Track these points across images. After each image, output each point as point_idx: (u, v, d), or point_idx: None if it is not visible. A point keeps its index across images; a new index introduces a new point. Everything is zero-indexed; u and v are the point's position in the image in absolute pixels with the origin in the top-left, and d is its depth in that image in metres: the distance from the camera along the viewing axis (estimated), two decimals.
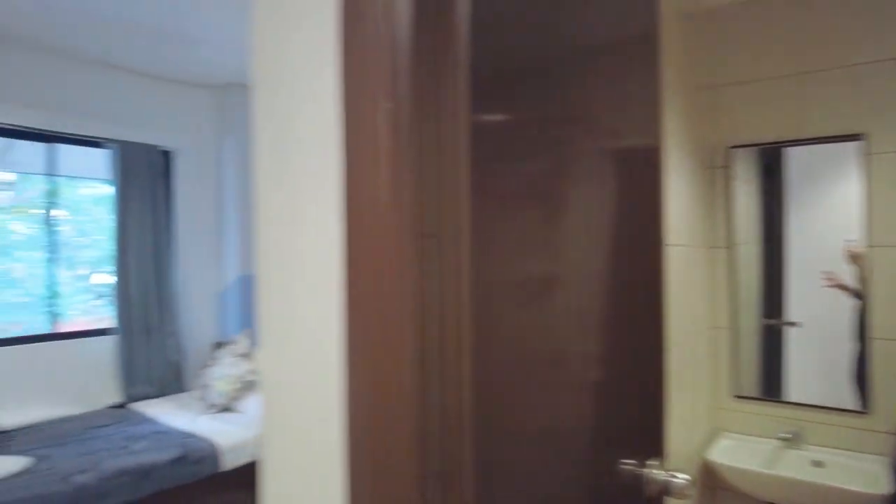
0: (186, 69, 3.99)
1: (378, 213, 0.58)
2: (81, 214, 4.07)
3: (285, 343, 0.65)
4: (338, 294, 0.60)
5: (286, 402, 0.65)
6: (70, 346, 3.71)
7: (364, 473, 0.59)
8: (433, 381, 0.61)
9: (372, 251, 0.59)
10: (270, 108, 0.66)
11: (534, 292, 0.94)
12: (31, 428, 3.32)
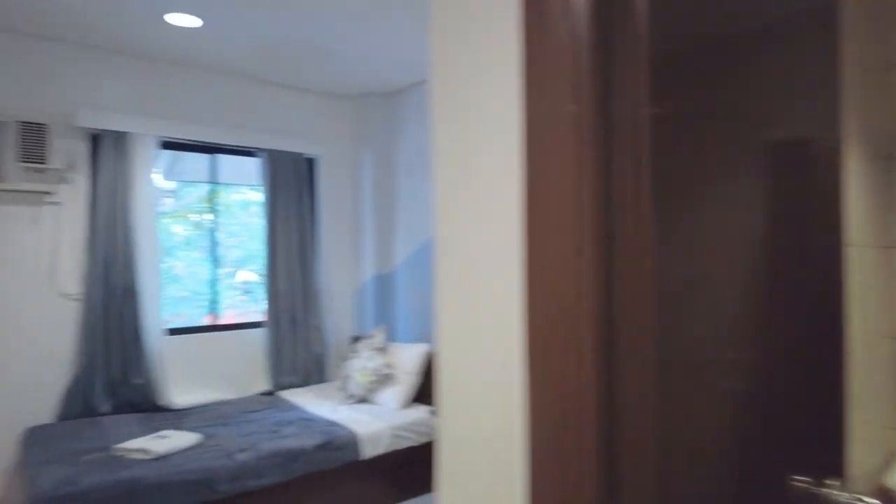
0: (326, 81, 4.27)
1: (561, 215, 0.58)
2: (231, 218, 4.49)
3: (465, 339, 0.68)
4: (518, 293, 0.61)
5: (466, 395, 0.68)
6: (228, 337, 4.12)
7: (545, 470, 0.60)
8: (614, 379, 0.60)
9: (554, 251, 0.59)
10: (450, 110, 0.69)
11: (700, 294, 0.90)
12: (197, 408, 3.73)
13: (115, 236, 3.49)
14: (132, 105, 3.65)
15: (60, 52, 3.42)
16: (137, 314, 3.57)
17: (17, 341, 3.29)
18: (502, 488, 0.66)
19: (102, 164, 3.49)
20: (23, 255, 3.31)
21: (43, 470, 2.66)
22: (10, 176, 3.16)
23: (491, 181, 0.64)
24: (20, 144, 3.19)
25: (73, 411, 3.41)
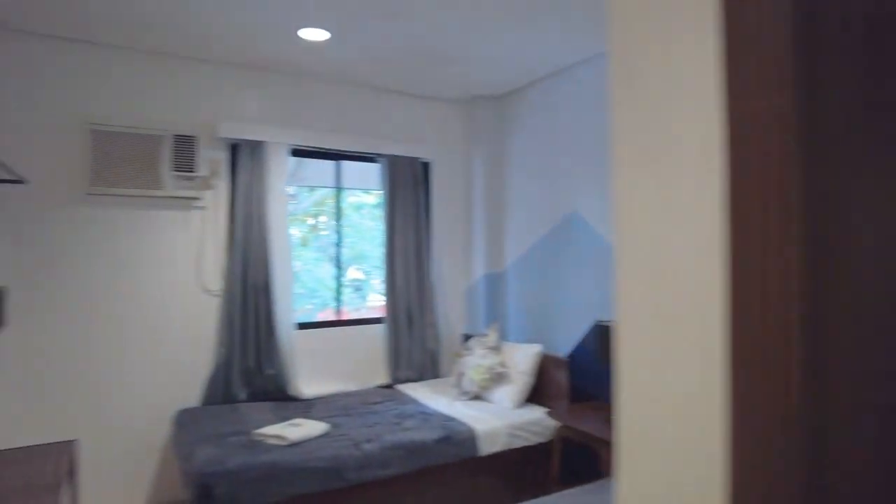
0: (441, 86, 4.37)
1: (767, 218, 0.57)
2: (345, 220, 4.72)
3: (655, 349, 0.67)
4: (720, 294, 0.60)
5: (654, 413, 0.68)
6: (350, 332, 4.34)
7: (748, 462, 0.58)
8: (821, 392, 0.57)
9: (758, 255, 0.58)
10: (637, 106, 0.69)
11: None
12: (323, 398, 3.96)
13: (252, 237, 3.79)
14: (266, 116, 3.95)
15: (206, 71, 3.76)
16: (271, 309, 3.85)
17: (170, 332, 3.67)
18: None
19: (240, 171, 3.80)
20: (174, 255, 3.68)
21: (196, 448, 2.95)
22: (166, 184, 3.53)
23: (686, 179, 0.63)
24: (173, 155, 3.55)
25: (214, 397, 3.74)
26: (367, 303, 4.70)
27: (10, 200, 3.22)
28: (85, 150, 3.39)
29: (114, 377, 3.52)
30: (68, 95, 3.39)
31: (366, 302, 4.58)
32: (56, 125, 3.36)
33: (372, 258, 4.67)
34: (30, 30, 3.27)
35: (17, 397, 3.27)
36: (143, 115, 3.57)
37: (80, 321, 3.43)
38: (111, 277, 3.51)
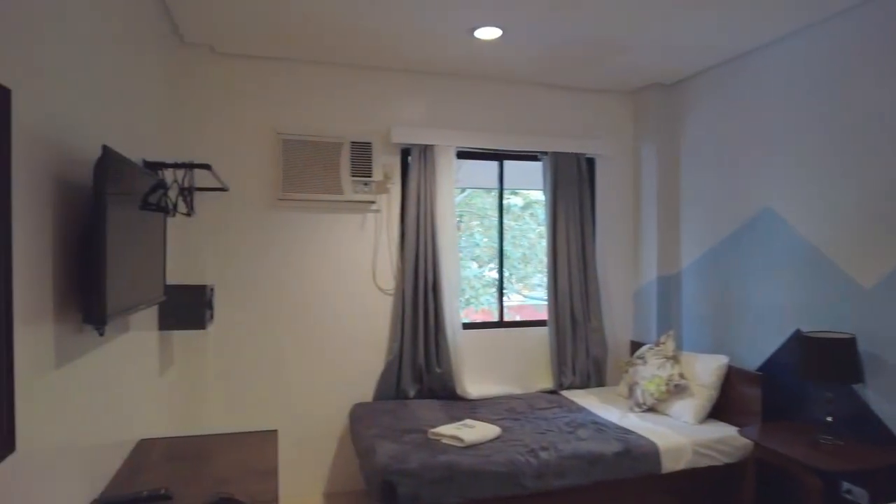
0: (607, 78, 4.16)
1: None
2: (487, 220, 4.68)
3: None
4: None
5: None
6: (513, 334, 4.28)
7: None
8: None
9: None
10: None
11: None
12: (489, 400, 3.94)
13: (423, 238, 3.88)
14: (436, 120, 4.02)
15: (381, 79, 3.91)
16: (439, 308, 3.90)
17: (348, 330, 3.86)
18: None
19: (411, 174, 3.90)
20: (352, 256, 3.87)
21: (376, 444, 3.05)
22: (346, 189, 3.72)
23: None
24: (351, 161, 3.73)
25: (386, 393, 3.87)
26: (509, 303, 4.63)
27: (215, 206, 3.58)
28: (276, 158, 3.67)
29: (299, 372, 3.78)
30: (262, 109, 3.70)
31: (507, 302, 4.52)
32: (252, 136, 3.68)
33: (513, 258, 4.59)
34: (232, 52, 3.60)
35: (220, 386, 3.63)
36: (325, 124, 3.79)
37: (270, 318, 3.73)
38: (298, 278, 3.77)
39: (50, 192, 1.52)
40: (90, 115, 1.86)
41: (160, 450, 2.37)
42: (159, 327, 2.92)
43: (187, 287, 2.99)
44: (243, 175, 3.65)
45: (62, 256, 1.62)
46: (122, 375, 2.25)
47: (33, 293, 1.43)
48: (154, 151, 2.74)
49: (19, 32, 1.35)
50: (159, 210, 2.39)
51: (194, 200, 3.41)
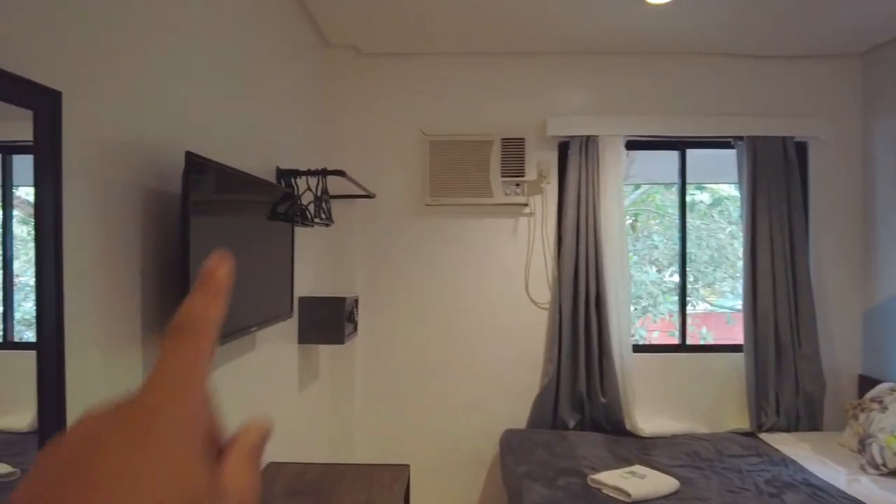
0: (819, 39, 3.25)
1: None
2: (666, 219, 3.96)
3: None
4: None
5: None
6: (698, 359, 3.56)
7: None
8: None
9: None
10: None
11: None
12: (665, 440, 3.29)
13: (584, 244, 3.36)
14: (599, 106, 3.48)
15: (533, 66, 3.48)
16: (604, 326, 3.35)
17: (499, 346, 3.48)
18: None
19: (570, 171, 3.40)
20: (503, 265, 3.49)
21: (526, 485, 2.63)
22: (496, 191, 3.35)
23: None
24: (502, 160, 3.35)
25: (542, 420, 3.42)
26: (693, 310, 3.89)
27: (361, 215, 3.43)
28: (423, 161, 3.43)
29: (444, 390, 3.49)
30: (408, 110, 3.48)
31: (691, 310, 3.78)
32: (398, 139, 3.48)
33: (698, 261, 3.82)
34: (376, 52, 3.44)
35: (362, 402, 3.48)
36: (473, 121, 3.46)
37: (416, 331, 3.49)
38: (445, 289, 3.49)
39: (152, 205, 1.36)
40: (214, 123, 1.73)
41: (285, 479, 2.21)
42: (299, 341, 2.81)
43: (326, 299, 2.85)
44: (389, 180, 3.47)
45: (155, 275, 1.46)
46: (246, 395, 2.12)
47: (119, 315, 1.27)
48: (295, 159, 2.63)
49: (163, 46, 1.19)
50: (287, 220, 2.23)
51: (339, 209, 3.32)
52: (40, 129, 1.06)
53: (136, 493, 0.21)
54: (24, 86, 1.01)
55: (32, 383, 1.06)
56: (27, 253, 1.07)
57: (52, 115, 1.08)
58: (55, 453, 0.23)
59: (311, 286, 2.97)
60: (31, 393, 1.06)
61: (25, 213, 1.09)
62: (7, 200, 1.07)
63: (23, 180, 1.07)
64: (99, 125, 1.25)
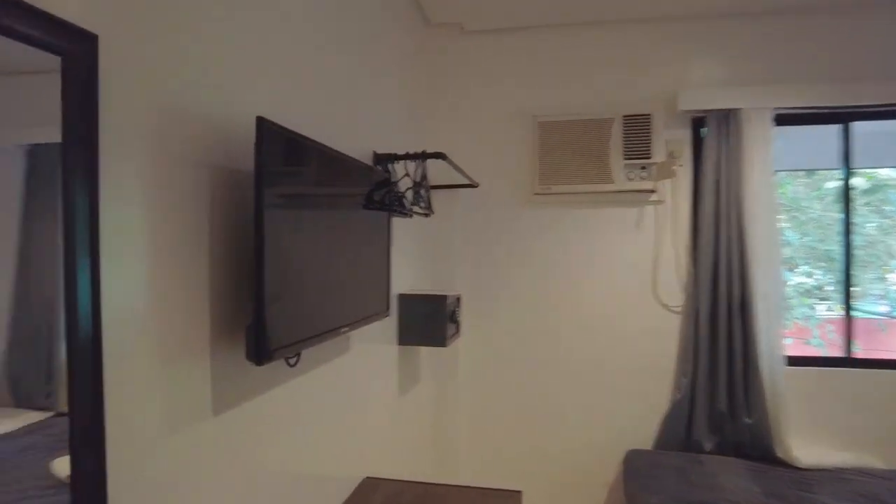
0: None
1: None
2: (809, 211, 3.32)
3: None
4: None
5: None
6: (866, 378, 2.92)
7: None
8: None
9: None
10: None
11: None
12: (827, 474, 2.71)
13: (725, 237, 2.85)
14: (741, 74, 2.94)
15: (660, 32, 3.01)
16: (750, 335, 2.83)
17: (620, 354, 3.06)
18: None
19: (707, 151, 2.90)
20: (625, 261, 3.05)
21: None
22: (616, 176, 2.93)
23: None
24: (624, 141, 2.92)
25: (672, 441, 2.95)
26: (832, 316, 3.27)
27: (464, 205, 3.15)
28: (532, 146, 3.08)
29: (558, 402, 3.12)
30: (516, 89, 3.14)
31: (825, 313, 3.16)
32: (505, 122, 3.15)
33: (838, 260, 3.15)
34: (482, 29, 3.14)
35: (466, 409, 3.19)
36: (590, 98, 3.06)
37: (526, 334, 3.15)
38: (558, 288, 3.12)
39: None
40: (304, 101, 1.51)
41: (381, 497, 1.96)
42: (399, 342, 2.58)
43: (427, 297, 2.59)
44: (495, 168, 3.15)
45: (229, 270, 1.24)
46: (341, 401, 1.90)
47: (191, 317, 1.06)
48: (393, 144, 2.39)
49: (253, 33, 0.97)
50: (383, 209, 1.98)
51: (439, 200, 3.05)
52: (69, 82, 0.85)
53: None
54: (46, 23, 0.80)
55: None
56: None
57: (86, 64, 0.87)
58: None
59: (410, 283, 2.73)
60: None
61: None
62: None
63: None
64: (150, 83, 1.04)
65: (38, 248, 0.87)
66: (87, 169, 0.88)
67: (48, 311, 0.87)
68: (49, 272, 0.87)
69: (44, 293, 0.88)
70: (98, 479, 0.90)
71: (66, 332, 0.85)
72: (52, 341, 0.88)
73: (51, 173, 0.86)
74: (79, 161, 0.86)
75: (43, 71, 0.84)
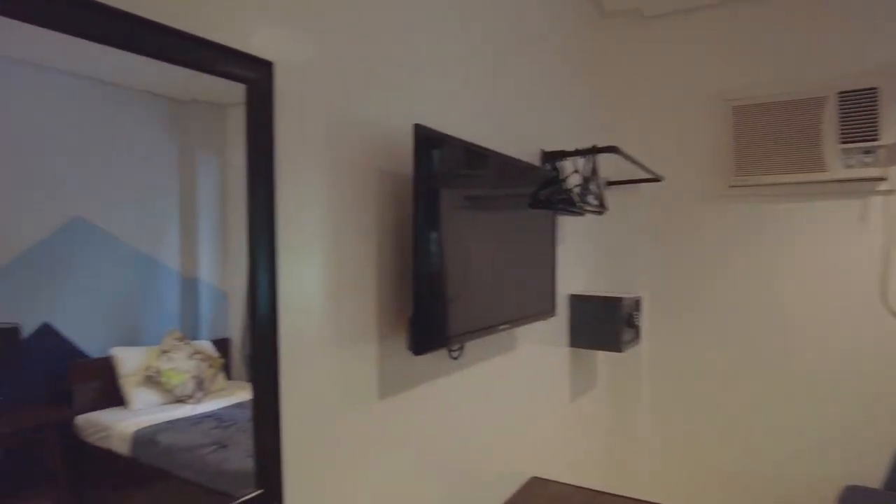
0: None
1: None
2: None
3: None
4: None
5: None
6: None
7: None
8: None
9: None
10: None
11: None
12: None
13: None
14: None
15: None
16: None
17: (837, 372, 2.61)
18: None
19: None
20: (843, 263, 2.60)
21: None
22: (831, 163, 2.52)
23: None
24: (840, 121, 2.50)
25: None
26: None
27: (642, 202, 2.97)
28: (725, 133, 2.79)
29: (755, 422, 2.77)
30: (702, 72, 2.87)
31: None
32: (690, 109, 2.90)
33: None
34: (664, 12, 2.93)
35: (644, 422, 2.99)
36: (793, 74, 2.67)
37: (716, 344, 2.85)
38: (754, 292, 2.77)
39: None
40: (465, 104, 1.58)
41: (547, 498, 1.94)
42: (570, 344, 2.53)
43: (600, 299, 2.50)
44: (681, 159, 2.91)
45: (394, 265, 1.35)
46: (507, 396, 1.93)
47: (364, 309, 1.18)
48: (563, 141, 2.36)
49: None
50: (548, 207, 1.96)
51: (619, 197, 2.93)
52: (251, 105, 0.99)
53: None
54: (232, 57, 0.96)
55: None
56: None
57: (264, 88, 1.01)
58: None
59: (583, 283, 2.66)
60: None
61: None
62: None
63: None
64: (318, 99, 1.16)
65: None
66: (266, 177, 1.02)
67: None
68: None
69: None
70: (275, 449, 1.04)
71: (249, 319, 1.01)
72: None
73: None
74: (259, 171, 1.01)
75: (230, 102, 1.00)
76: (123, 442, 0.85)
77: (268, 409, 1.03)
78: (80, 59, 0.79)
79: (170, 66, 0.88)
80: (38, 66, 0.75)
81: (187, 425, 0.94)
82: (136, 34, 0.82)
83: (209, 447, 0.95)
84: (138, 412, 0.88)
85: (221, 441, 0.97)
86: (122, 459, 0.85)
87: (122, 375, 0.86)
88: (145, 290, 0.87)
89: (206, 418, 0.96)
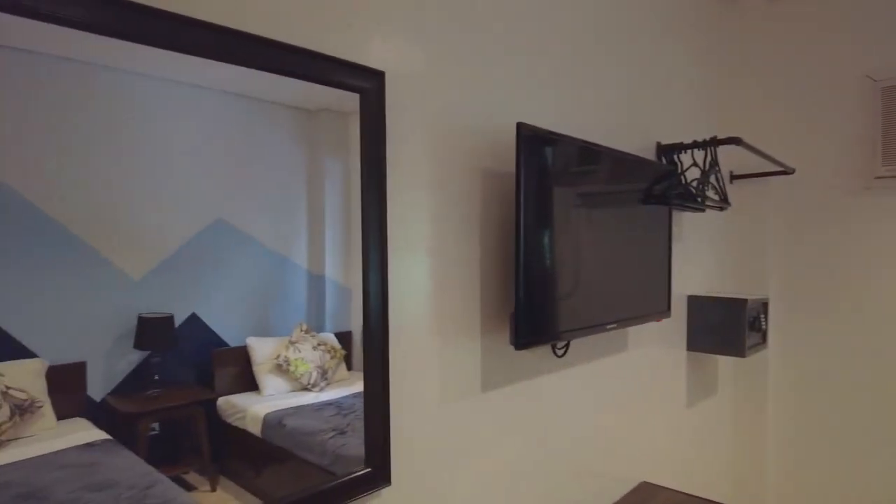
0: None
1: None
2: None
3: None
4: None
5: None
6: None
7: None
8: None
9: None
10: None
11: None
12: None
13: None
14: None
15: None
16: None
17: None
18: None
19: None
20: None
21: None
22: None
23: None
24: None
25: None
26: None
27: (771, 196, 2.75)
28: (869, 118, 2.52)
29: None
30: (842, 52, 2.60)
31: None
32: (827, 94, 2.63)
33: None
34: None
35: (770, 432, 2.77)
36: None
37: (857, 352, 2.58)
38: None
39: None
40: (577, 100, 1.57)
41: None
42: (688, 347, 2.41)
43: (721, 301, 2.35)
44: (815, 150, 2.66)
45: (498, 261, 1.37)
46: (617, 397, 1.88)
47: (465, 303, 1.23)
48: (682, 133, 2.25)
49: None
50: (662, 203, 1.89)
51: (744, 191, 2.75)
52: (365, 113, 1.05)
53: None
54: (347, 69, 1.02)
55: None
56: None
57: (377, 97, 1.07)
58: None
59: (703, 283, 2.51)
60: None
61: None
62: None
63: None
64: (422, 105, 1.20)
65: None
66: (378, 180, 1.08)
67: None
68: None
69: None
70: (384, 432, 1.10)
71: (362, 313, 1.07)
72: None
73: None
74: (372, 174, 1.07)
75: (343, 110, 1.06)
76: (255, 423, 0.95)
77: (378, 397, 1.09)
78: (224, 77, 0.89)
79: (298, 80, 0.96)
80: (193, 86, 0.85)
81: (311, 411, 1.02)
82: (271, 56, 0.91)
83: (329, 433, 1.03)
84: (269, 397, 0.98)
85: (341, 428, 1.04)
86: (254, 439, 0.95)
87: (255, 363, 0.96)
88: (277, 286, 0.96)
89: (328, 406, 1.04)
